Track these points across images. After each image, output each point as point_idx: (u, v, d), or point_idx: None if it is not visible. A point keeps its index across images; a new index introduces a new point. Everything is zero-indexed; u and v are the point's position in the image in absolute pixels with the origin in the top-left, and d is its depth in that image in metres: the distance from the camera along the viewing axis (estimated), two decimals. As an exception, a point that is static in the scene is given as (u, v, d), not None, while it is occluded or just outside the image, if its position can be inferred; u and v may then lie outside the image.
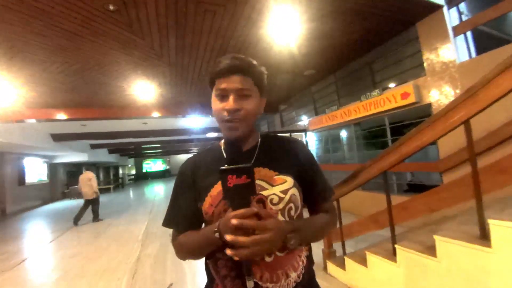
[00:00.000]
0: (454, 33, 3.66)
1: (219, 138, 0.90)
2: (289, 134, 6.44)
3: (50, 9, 2.68)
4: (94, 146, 13.86)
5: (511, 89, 1.28)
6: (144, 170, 30.96)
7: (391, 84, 4.74)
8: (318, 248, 2.74)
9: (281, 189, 0.73)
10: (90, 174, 7.09)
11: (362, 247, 2.59)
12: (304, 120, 7.55)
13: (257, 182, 0.71)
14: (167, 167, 32.04)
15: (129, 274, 3.36)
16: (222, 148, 0.85)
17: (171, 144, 16.34)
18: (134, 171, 30.43)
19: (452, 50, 3.63)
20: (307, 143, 7.30)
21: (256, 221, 0.60)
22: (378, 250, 2.13)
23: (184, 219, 0.81)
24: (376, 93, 4.78)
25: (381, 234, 2.71)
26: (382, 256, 2.03)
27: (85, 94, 5.57)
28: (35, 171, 12.59)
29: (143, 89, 5.53)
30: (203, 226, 0.82)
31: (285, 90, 7.09)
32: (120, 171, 25.29)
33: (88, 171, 7.17)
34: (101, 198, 7.65)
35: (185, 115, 7.66)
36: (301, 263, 0.75)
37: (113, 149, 16.89)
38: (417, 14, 3.83)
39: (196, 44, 3.79)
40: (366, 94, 5.00)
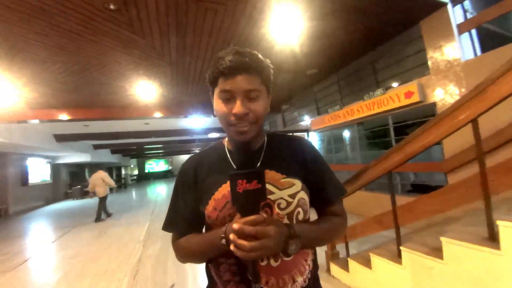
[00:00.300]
0: (458, 31, 3.61)
1: (223, 137, 0.85)
2: (291, 134, 6.35)
3: (50, 8, 2.67)
4: (97, 146, 13.89)
5: (521, 86, 1.24)
6: (146, 171, 31.02)
7: (395, 83, 4.69)
8: (321, 249, 2.70)
9: (289, 193, 0.70)
10: (103, 173, 7.35)
11: (365, 249, 2.55)
12: (306, 120, 7.50)
13: None
14: (170, 168, 32.08)
15: (130, 275, 3.34)
16: (226, 147, 0.80)
17: (173, 144, 16.35)
18: (136, 172, 30.52)
19: (456, 49, 3.58)
20: (310, 143, 7.25)
21: (257, 227, 0.56)
22: (382, 252, 2.09)
23: (185, 222, 0.77)
24: (379, 92, 4.73)
25: (384, 235, 2.67)
26: (387, 258, 1.99)
27: (87, 95, 5.57)
28: (38, 172, 12.65)
29: (145, 89, 5.52)
30: (204, 229, 0.79)
31: (287, 89, 7.05)
32: (122, 172, 25.36)
33: (100, 171, 7.43)
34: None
35: (187, 116, 7.64)
36: (307, 267, 0.72)
37: (115, 149, 16.94)
38: (420, 12, 3.78)
39: (197, 43, 3.77)
40: (369, 93, 4.95)
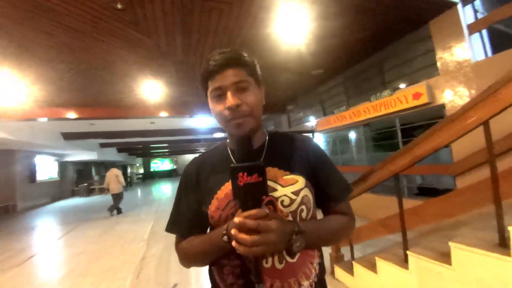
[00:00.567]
0: (469, 31, 3.53)
1: (226, 138, 0.85)
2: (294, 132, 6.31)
3: (56, 7, 2.69)
4: (103, 145, 14.07)
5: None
6: (151, 169, 31.29)
7: (402, 84, 4.61)
8: (325, 252, 2.66)
9: (292, 190, 0.68)
10: (117, 171, 7.68)
11: (370, 252, 2.51)
12: (311, 120, 7.45)
13: None
14: (174, 167, 32.30)
15: (133, 274, 3.35)
16: (228, 148, 0.80)
17: (178, 144, 16.45)
18: (142, 170, 30.79)
19: (467, 49, 3.50)
20: (315, 144, 7.20)
21: (259, 221, 0.55)
22: (388, 256, 2.04)
23: (188, 223, 0.76)
24: (386, 93, 4.67)
25: (388, 239, 2.62)
26: (393, 262, 1.94)
27: (93, 93, 5.63)
28: (46, 169, 12.85)
29: (150, 88, 5.55)
30: (208, 231, 0.77)
31: (292, 90, 7.00)
32: (128, 170, 25.62)
33: (114, 168, 7.74)
34: (107, 197, 7.85)
35: (192, 115, 7.66)
36: (313, 271, 0.70)
37: (121, 148, 17.12)
38: (430, 12, 3.71)
39: (202, 43, 3.76)
40: (376, 94, 4.89)
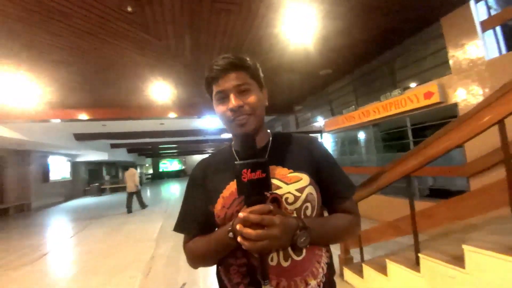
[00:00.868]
0: (482, 28, 3.44)
1: (232, 140, 0.88)
2: (299, 132, 6.28)
3: (69, 10, 2.76)
4: (114, 145, 14.34)
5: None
6: (160, 170, 31.68)
7: (413, 83, 4.53)
8: (334, 253, 2.64)
9: (296, 187, 0.69)
10: (134, 171, 8.38)
11: (379, 254, 2.47)
12: (319, 121, 7.39)
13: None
14: (183, 167, 32.63)
15: (143, 273, 3.40)
16: (233, 149, 0.82)
17: (187, 144, 16.61)
18: (151, 171, 31.21)
19: (480, 47, 3.41)
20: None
21: (263, 215, 0.56)
22: (399, 259, 2.00)
23: (195, 223, 0.78)
24: (397, 92, 4.59)
25: (398, 242, 2.57)
26: (404, 265, 1.90)
27: (104, 95, 5.74)
28: (59, 169, 13.18)
29: (160, 89, 5.62)
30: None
31: (300, 90, 6.96)
32: (138, 170, 25.98)
33: (131, 168, 8.43)
34: (118, 197, 8.04)
35: (200, 116, 7.73)
36: (321, 270, 0.69)
37: (131, 148, 17.41)
38: (441, 9, 3.63)
39: (211, 44, 3.78)
40: (386, 94, 4.81)
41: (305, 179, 0.70)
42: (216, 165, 0.81)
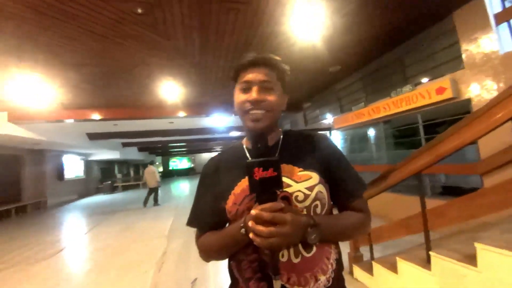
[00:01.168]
0: (496, 21, 3.33)
1: (242, 137, 0.89)
2: (309, 130, 6.25)
3: (81, 13, 2.83)
4: (125, 144, 14.61)
5: None
6: (170, 168, 32.13)
7: (424, 79, 4.44)
8: (343, 251, 2.64)
9: (306, 185, 0.70)
10: (153, 168, 8.93)
11: (389, 252, 2.45)
12: (328, 118, 7.34)
13: None
14: (192, 165, 32.98)
15: (155, 268, 3.48)
16: (244, 146, 0.84)
17: (196, 143, 16.77)
18: (161, 169, 31.69)
19: (494, 40, 3.31)
20: (332, 142, 7.11)
21: (274, 213, 0.58)
22: (409, 257, 1.99)
23: (207, 219, 0.80)
24: (407, 88, 4.51)
25: (408, 240, 2.55)
26: (415, 263, 1.89)
27: (116, 95, 5.87)
28: (73, 168, 13.57)
29: (169, 89, 5.70)
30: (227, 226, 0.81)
31: (308, 87, 6.92)
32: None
33: (151, 165, 9.06)
34: (130, 194, 8.26)
35: (209, 115, 7.79)
36: (330, 267, 0.71)
37: (142, 147, 17.71)
38: (453, 2, 3.54)
39: (219, 43, 3.81)
40: (397, 90, 4.73)
41: (315, 178, 0.71)
42: (227, 162, 0.83)
